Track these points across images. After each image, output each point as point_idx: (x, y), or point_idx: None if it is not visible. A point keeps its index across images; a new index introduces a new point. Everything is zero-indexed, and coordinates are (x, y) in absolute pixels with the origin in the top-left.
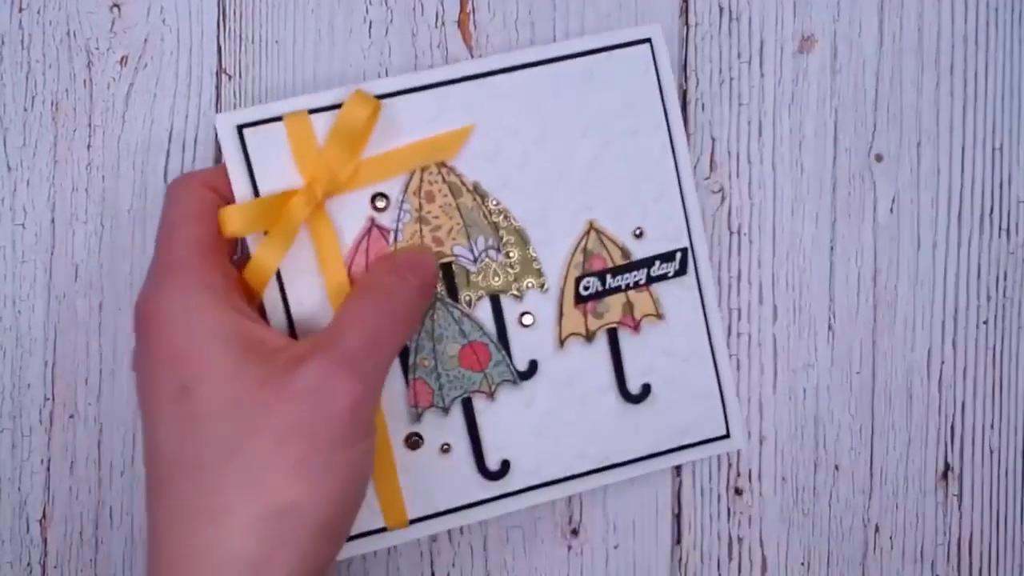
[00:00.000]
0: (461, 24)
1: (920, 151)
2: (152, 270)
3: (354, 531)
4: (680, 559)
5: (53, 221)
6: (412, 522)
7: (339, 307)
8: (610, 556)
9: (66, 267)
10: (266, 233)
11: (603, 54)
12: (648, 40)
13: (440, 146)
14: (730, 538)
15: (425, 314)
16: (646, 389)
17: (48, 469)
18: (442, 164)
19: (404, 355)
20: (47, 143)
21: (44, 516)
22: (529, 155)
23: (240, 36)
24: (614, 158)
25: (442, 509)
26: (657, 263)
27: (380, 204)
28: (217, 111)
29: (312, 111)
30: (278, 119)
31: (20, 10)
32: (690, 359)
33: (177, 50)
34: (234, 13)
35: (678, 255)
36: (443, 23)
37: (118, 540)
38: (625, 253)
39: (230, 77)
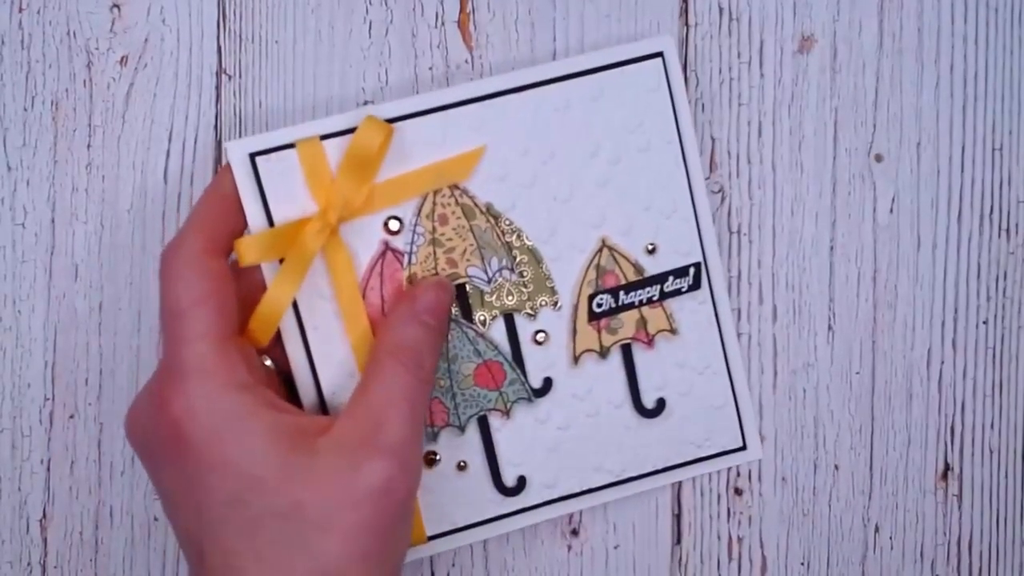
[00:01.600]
0: (461, 24)
1: (920, 151)
2: (171, 366)
3: None
4: (680, 559)
5: (53, 221)
6: (430, 538)
7: (368, 369)
8: (610, 556)
9: (66, 267)
10: (281, 262)
11: (614, 70)
12: (660, 54)
13: (452, 169)
14: (730, 538)
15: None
16: (661, 403)
17: (48, 469)
18: (455, 186)
19: None
20: (47, 143)
21: (44, 516)
22: (540, 175)
23: (240, 36)
24: (625, 175)
25: (460, 525)
26: (671, 278)
27: (394, 227)
28: (217, 111)
29: (324, 136)
30: (290, 146)
31: (20, 10)
32: (705, 372)
33: (177, 50)
34: (234, 13)
35: (691, 270)
36: (443, 23)
37: (118, 540)
38: (638, 269)
39: (230, 77)
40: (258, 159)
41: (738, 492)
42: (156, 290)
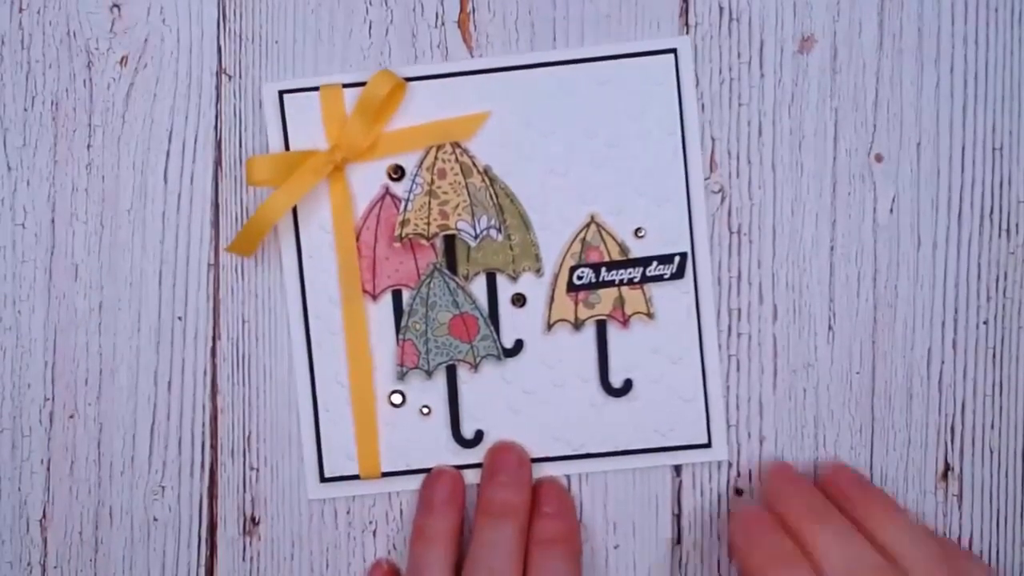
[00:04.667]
0: (461, 24)
1: (920, 151)
2: None
3: (329, 474)
4: (680, 559)
5: (53, 221)
6: (385, 475)
7: None
8: (610, 556)
9: (66, 267)
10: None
11: (625, 60)
12: (673, 51)
13: (456, 127)
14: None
15: (423, 284)
16: (628, 384)
17: (48, 469)
18: (456, 145)
19: (398, 317)
20: (47, 143)
21: (44, 516)
22: (539, 147)
23: (240, 36)
24: (622, 159)
25: (415, 468)
26: (654, 263)
27: (396, 175)
28: (217, 111)
29: (346, 85)
30: (316, 89)
31: (20, 10)
32: (678, 362)
33: (177, 50)
34: (234, 13)
35: (676, 259)
36: (443, 23)
37: (118, 540)
38: (623, 250)
39: (230, 77)
40: (285, 96)
41: (738, 492)
42: (156, 290)
